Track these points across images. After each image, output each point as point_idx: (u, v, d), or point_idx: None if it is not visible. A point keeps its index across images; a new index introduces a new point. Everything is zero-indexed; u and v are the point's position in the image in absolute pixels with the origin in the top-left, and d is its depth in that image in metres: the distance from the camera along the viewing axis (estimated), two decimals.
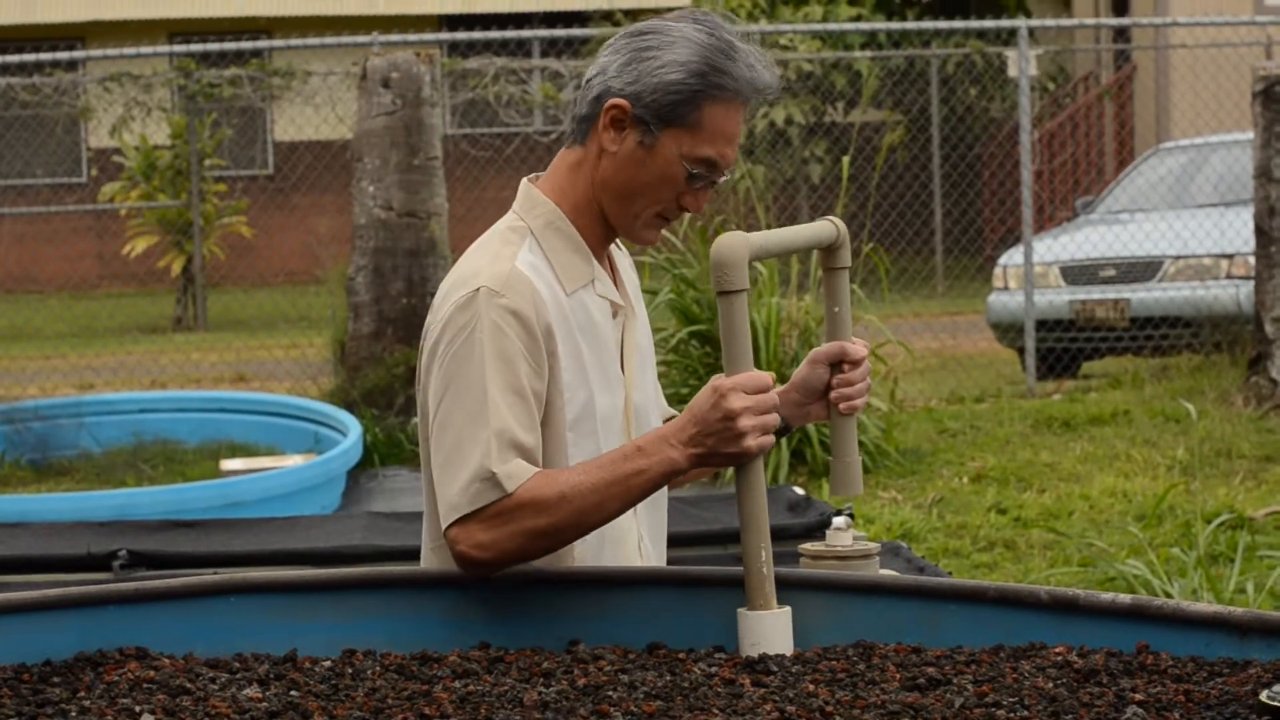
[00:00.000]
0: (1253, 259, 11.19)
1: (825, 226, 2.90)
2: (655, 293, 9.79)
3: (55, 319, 19.41)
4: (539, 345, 2.78)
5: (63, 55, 13.58)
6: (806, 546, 2.95)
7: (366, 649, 2.60)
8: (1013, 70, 15.24)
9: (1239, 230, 12.33)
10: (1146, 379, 11.88)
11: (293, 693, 2.39)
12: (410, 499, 8.70)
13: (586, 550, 2.86)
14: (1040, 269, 12.87)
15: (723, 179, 2.88)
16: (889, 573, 2.95)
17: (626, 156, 2.85)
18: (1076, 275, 12.93)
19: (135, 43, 21.48)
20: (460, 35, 13.78)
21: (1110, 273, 12.83)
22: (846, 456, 2.92)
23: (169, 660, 2.54)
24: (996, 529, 8.13)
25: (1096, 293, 12.76)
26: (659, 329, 9.64)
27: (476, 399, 2.72)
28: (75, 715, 2.29)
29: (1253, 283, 11.15)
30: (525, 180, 2.96)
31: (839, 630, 2.60)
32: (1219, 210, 13.05)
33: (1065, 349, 12.88)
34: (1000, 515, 8.38)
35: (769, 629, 2.55)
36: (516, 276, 2.80)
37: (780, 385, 2.86)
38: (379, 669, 2.51)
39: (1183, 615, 2.46)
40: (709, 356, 9.60)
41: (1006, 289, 13.01)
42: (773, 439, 2.65)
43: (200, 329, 18.87)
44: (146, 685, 2.42)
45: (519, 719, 2.28)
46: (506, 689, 2.40)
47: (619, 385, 2.92)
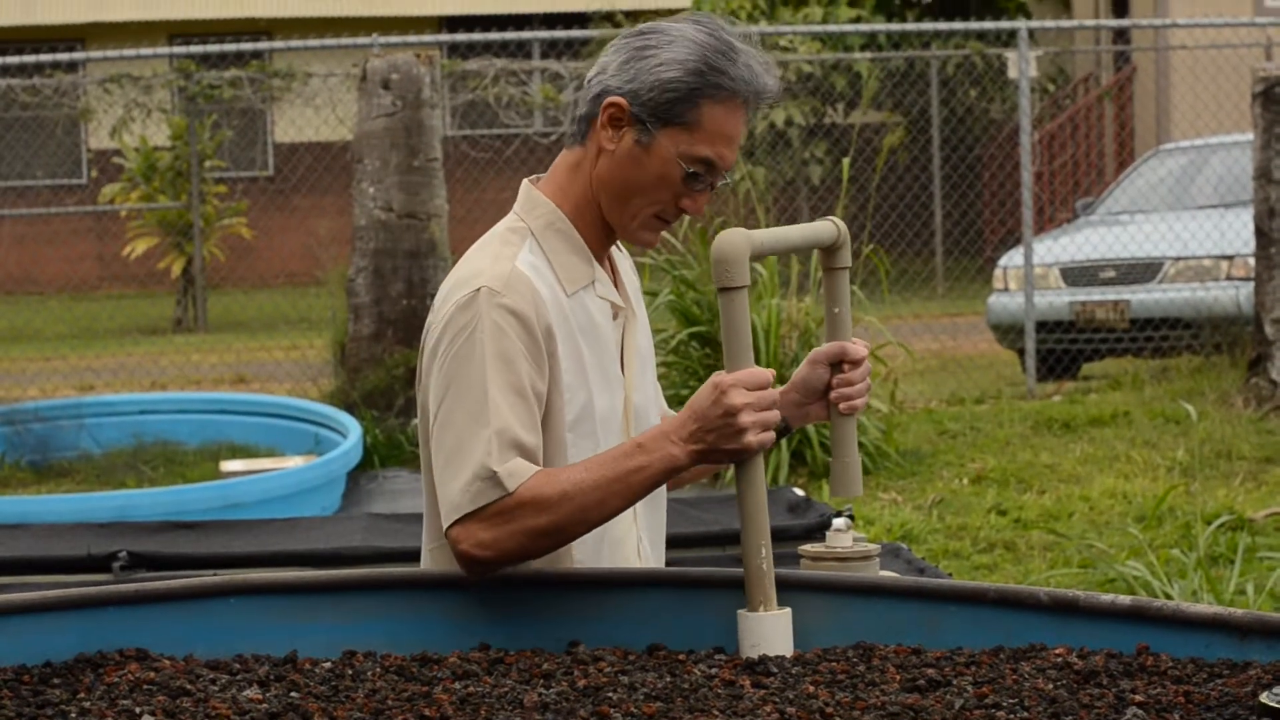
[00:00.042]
0: (1253, 260, 11.19)
1: (826, 226, 2.90)
2: (655, 294, 9.78)
3: (55, 320, 19.40)
4: (539, 346, 2.78)
5: (63, 56, 13.58)
6: (806, 548, 2.95)
7: (367, 650, 2.60)
8: (1013, 71, 15.25)
9: (1239, 232, 12.33)
10: (1146, 380, 11.88)
11: (293, 694, 2.39)
12: (410, 500, 8.69)
13: (585, 552, 2.85)
14: (1040, 270, 12.86)
15: (722, 182, 2.86)
16: (889, 574, 2.95)
17: (624, 155, 2.84)
18: (1076, 276, 12.92)
19: (135, 44, 21.47)
20: (460, 36, 13.76)
21: (1110, 274, 12.83)
22: (846, 457, 2.92)
23: (169, 661, 2.54)
24: (996, 530, 8.13)
25: (1096, 294, 12.76)
26: (659, 330, 9.63)
27: (477, 398, 2.72)
28: (75, 716, 2.29)
29: (1253, 284, 11.15)
30: (526, 181, 2.96)
31: (839, 632, 2.60)
32: (1219, 211, 13.05)
33: (1065, 350, 12.88)
34: (1000, 516, 8.38)
35: (769, 630, 2.55)
36: (517, 277, 2.80)
37: (780, 386, 2.86)
38: (379, 670, 2.51)
39: (1183, 616, 2.46)
40: (709, 358, 9.60)
41: (1006, 290, 13.01)
42: (773, 435, 2.65)
43: (200, 330, 18.87)
44: (147, 686, 2.42)
45: None
46: (507, 690, 2.40)
47: (619, 387, 2.92)
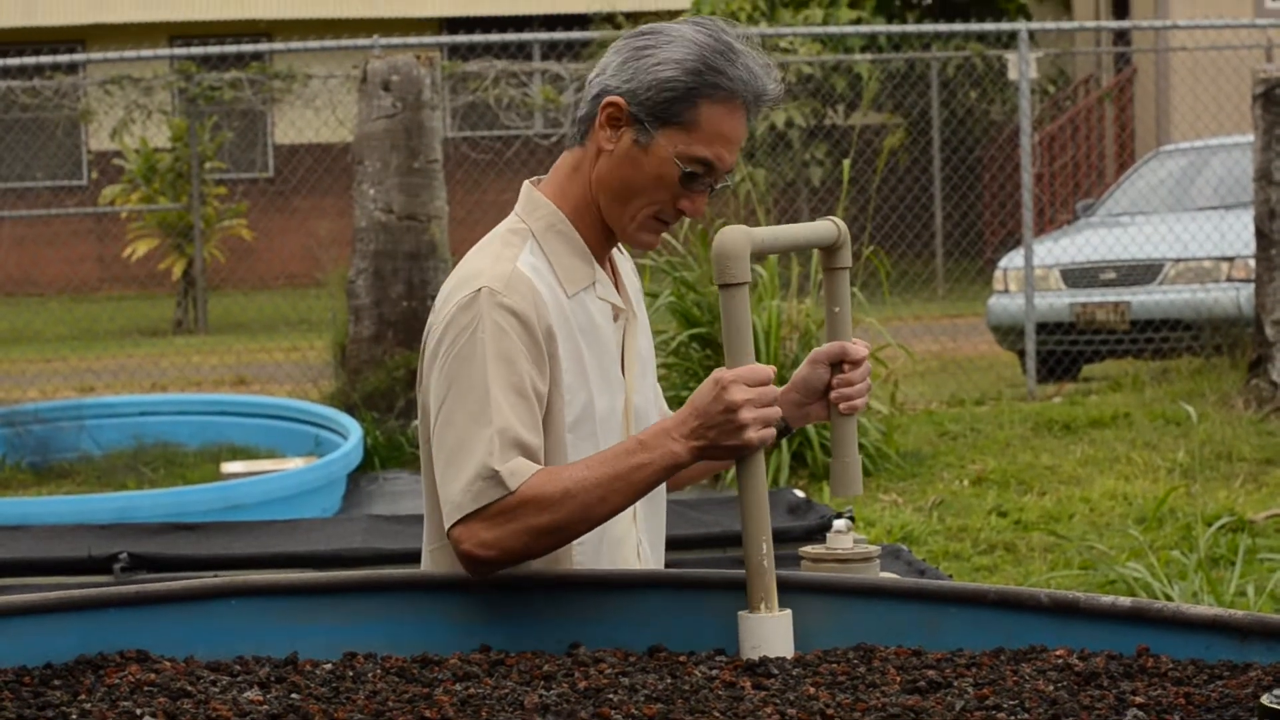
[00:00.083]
0: (1253, 262, 11.19)
1: (826, 226, 2.89)
2: (656, 295, 9.78)
3: (56, 322, 19.40)
4: (540, 346, 2.78)
5: (63, 58, 13.57)
6: (807, 549, 2.95)
7: (367, 652, 2.60)
8: (1013, 73, 15.25)
9: (1239, 233, 12.33)
10: (1147, 382, 11.88)
11: (293, 695, 2.39)
12: (411, 502, 8.69)
13: (585, 552, 2.85)
14: (1041, 272, 12.86)
15: (721, 184, 2.85)
16: (889, 575, 2.95)
17: (622, 155, 2.84)
18: (1077, 278, 12.92)
19: (136, 45, 21.46)
20: (461, 38, 13.76)
21: (1110, 275, 12.82)
22: (846, 456, 2.92)
23: (170, 663, 2.54)
24: (997, 532, 8.12)
25: (1097, 295, 12.76)
26: (659, 331, 9.63)
27: (479, 398, 2.72)
28: (76, 718, 2.29)
29: (1253, 285, 11.15)
30: (527, 183, 2.96)
31: (839, 633, 2.60)
32: (1219, 213, 13.04)
33: (1066, 352, 12.88)
34: (1001, 518, 8.37)
35: (769, 632, 2.55)
36: (518, 278, 2.80)
37: (780, 386, 2.86)
38: (380, 672, 2.51)
39: (1183, 618, 2.46)
40: (709, 359, 9.60)
41: (1007, 292, 13.00)
42: (774, 431, 2.65)
43: (201, 332, 18.86)
44: (147, 688, 2.42)
45: None
46: (507, 692, 2.40)
47: (619, 388, 2.92)
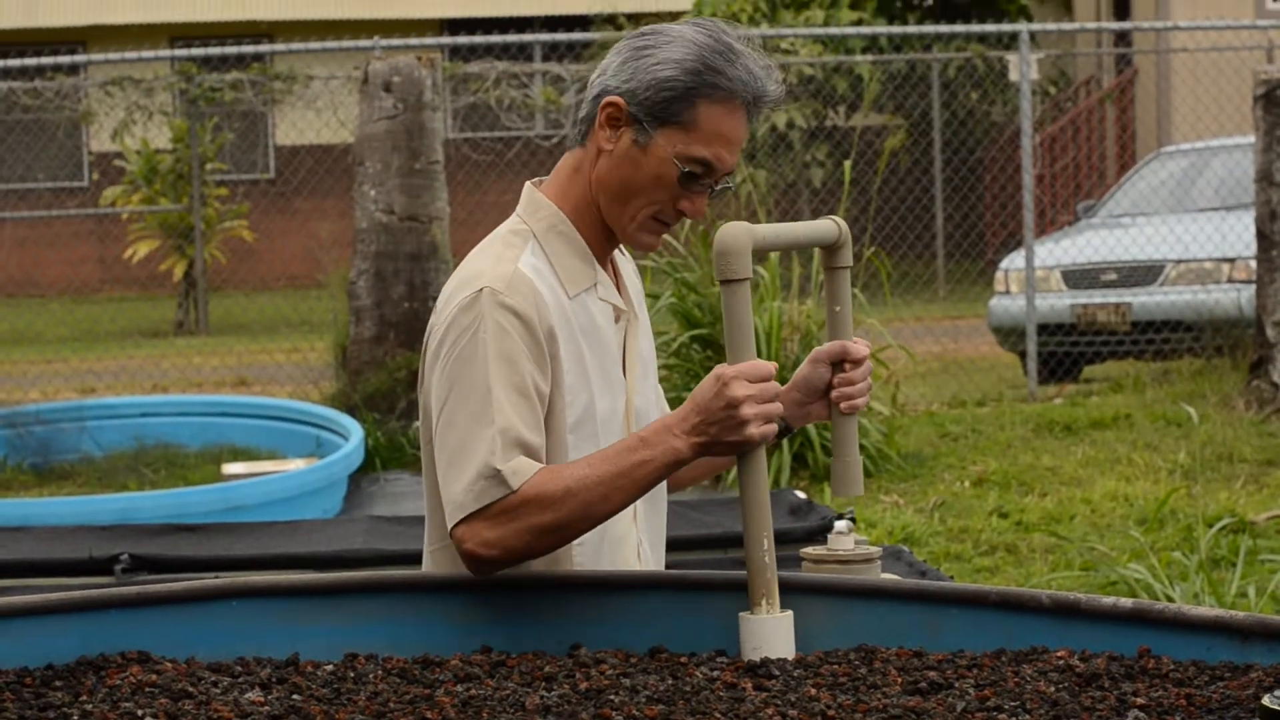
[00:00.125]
0: (1254, 263, 11.19)
1: (827, 225, 2.89)
2: (657, 296, 9.78)
3: (57, 323, 19.40)
4: (541, 347, 2.78)
5: (64, 59, 13.58)
6: (808, 550, 2.95)
7: (368, 653, 2.60)
8: (1014, 74, 15.24)
9: (1240, 234, 12.34)
10: (1148, 383, 11.88)
11: (295, 696, 2.39)
12: (412, 503, 8.69)
13: (586, 552, 2.85)
14: (1041, 273, 12.85)
15: (722, 185, 2.85)
16: (890, 577, 2.95)
17: (621, 155, 2.84)
18: (1078, 279, 12.92)
19: (136, 47, 21.46)
20: (462, 39, 13.76)
21: (1111, 276, 12.82)
22: (847, 456, 2.92)
23: (171, 664, 2.54)
24: (998, 533, 8.12)
25: (1098, 296, 12.76)
26: (660, 332, 9.63)
27: (480, 398, 2.72)
28: (77, 719, 2.29)
29: (1254, 287, 11.15)
30: (528, 184, 2.96)
31: (841, 634, 2.60)
32: (1220, 214, 13.05)
33: (1067, 353, 12.87)
34: (1002, 519, 8.37)
35: (770, 633, 2.55)
36: (519, 278, 2.80)
37: (781, 386, 2.86)
38: (381, 673, 2.51)
39: (1184, 619, 2.46)
40: (710, 360, 9.59)
41: (1008, 293, 13.00)
42: (775, 428, 2.65)
43: (202, 333, 18.86)
44: (149, 689, 2.42)
45: None
46: (508, 693, 2.40)
47: (620, 389, 2.92)
